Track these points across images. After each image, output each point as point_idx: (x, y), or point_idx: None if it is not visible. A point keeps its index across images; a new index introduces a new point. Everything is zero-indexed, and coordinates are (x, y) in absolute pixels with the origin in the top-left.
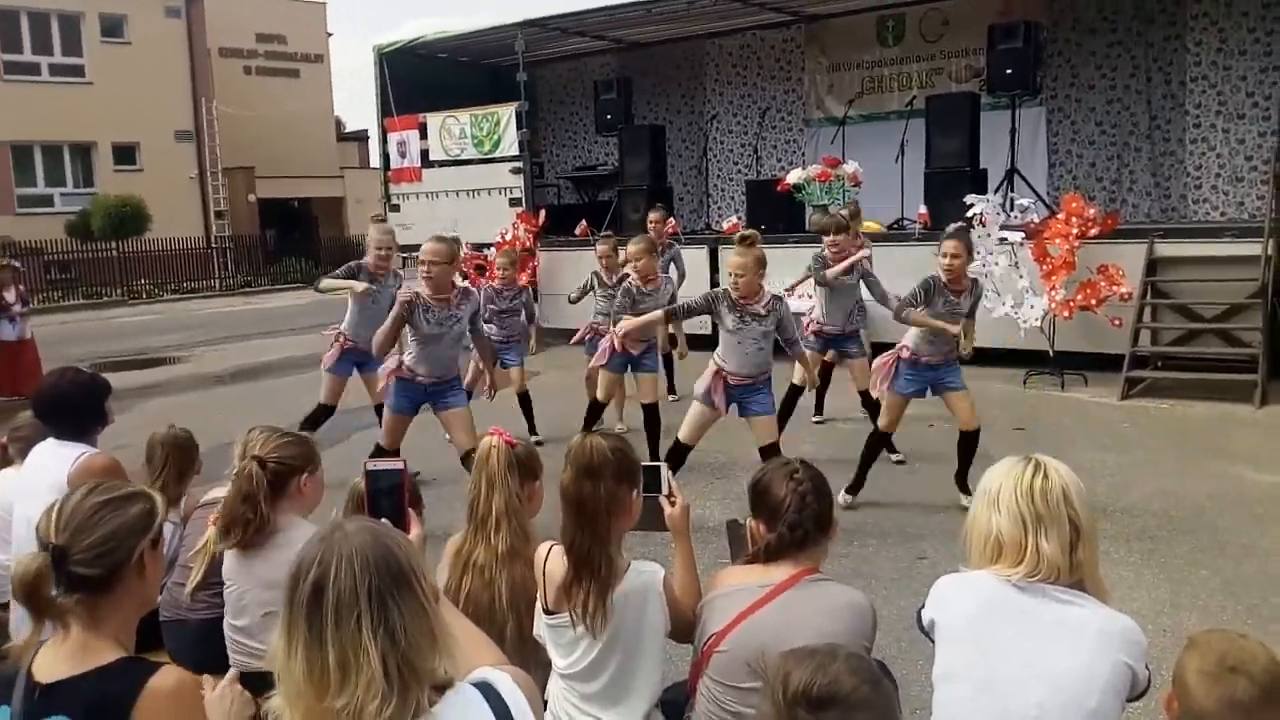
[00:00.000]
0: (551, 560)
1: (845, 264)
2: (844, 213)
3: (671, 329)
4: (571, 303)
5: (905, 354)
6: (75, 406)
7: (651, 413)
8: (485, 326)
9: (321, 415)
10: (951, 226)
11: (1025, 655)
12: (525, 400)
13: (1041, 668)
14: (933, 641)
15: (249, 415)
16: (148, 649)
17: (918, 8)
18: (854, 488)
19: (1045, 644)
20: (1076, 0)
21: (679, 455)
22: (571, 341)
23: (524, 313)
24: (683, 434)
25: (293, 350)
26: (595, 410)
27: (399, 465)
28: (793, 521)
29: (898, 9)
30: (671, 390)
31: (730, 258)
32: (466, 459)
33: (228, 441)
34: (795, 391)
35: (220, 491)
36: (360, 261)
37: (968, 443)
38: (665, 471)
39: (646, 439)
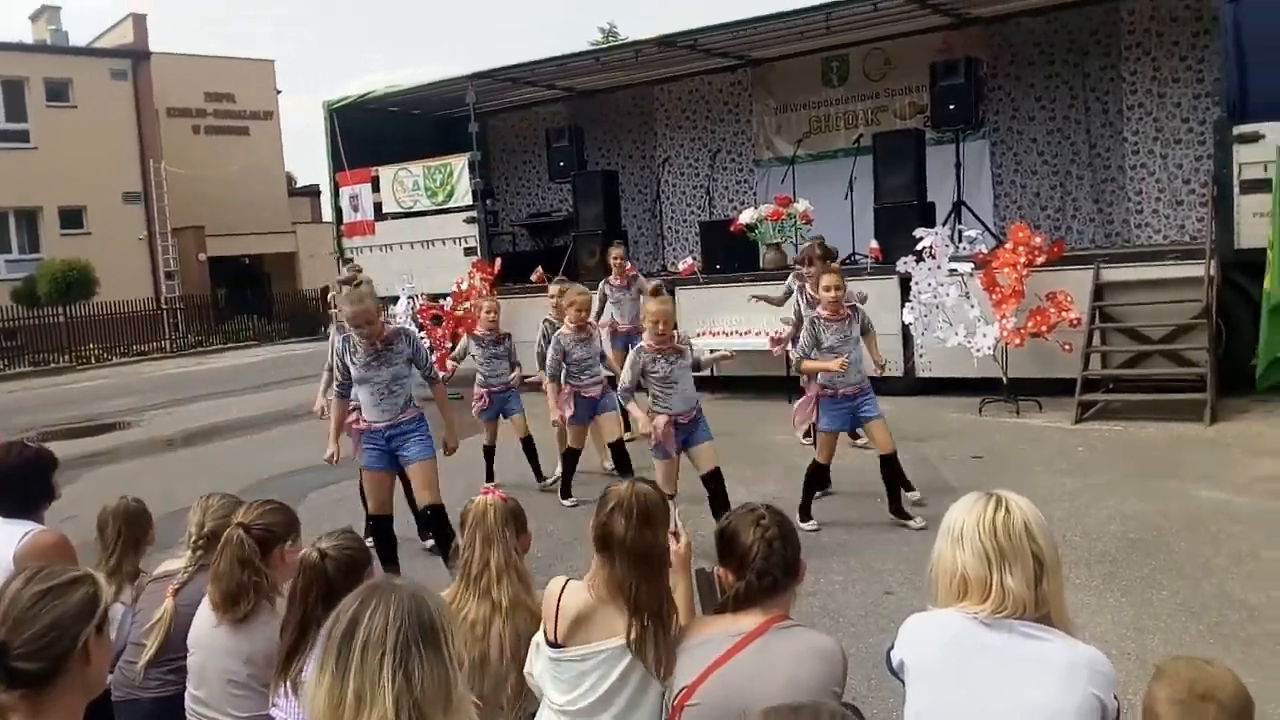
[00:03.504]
0: (568, 595)
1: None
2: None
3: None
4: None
5: (824, 393)
6: (19, 482)
7: (622, 450)
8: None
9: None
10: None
11: (995, 693)
12: (529, 445)
13: (1011, 705)
14: (902, 682)
15: (202, 480)
16: None
17: (860, 48)
18: (804, 515)
19: (1014, 681)
20: (1014, 35)
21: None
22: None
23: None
24: (668, 488)
25: (247, 410)
26: (571, 459)
27: None
28: (760, 569)
29: (841, 50)
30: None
31: (651, 308)
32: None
33: (180, 508)
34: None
35: (175, 563)
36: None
37: (889, 466)
38: (672, 509)
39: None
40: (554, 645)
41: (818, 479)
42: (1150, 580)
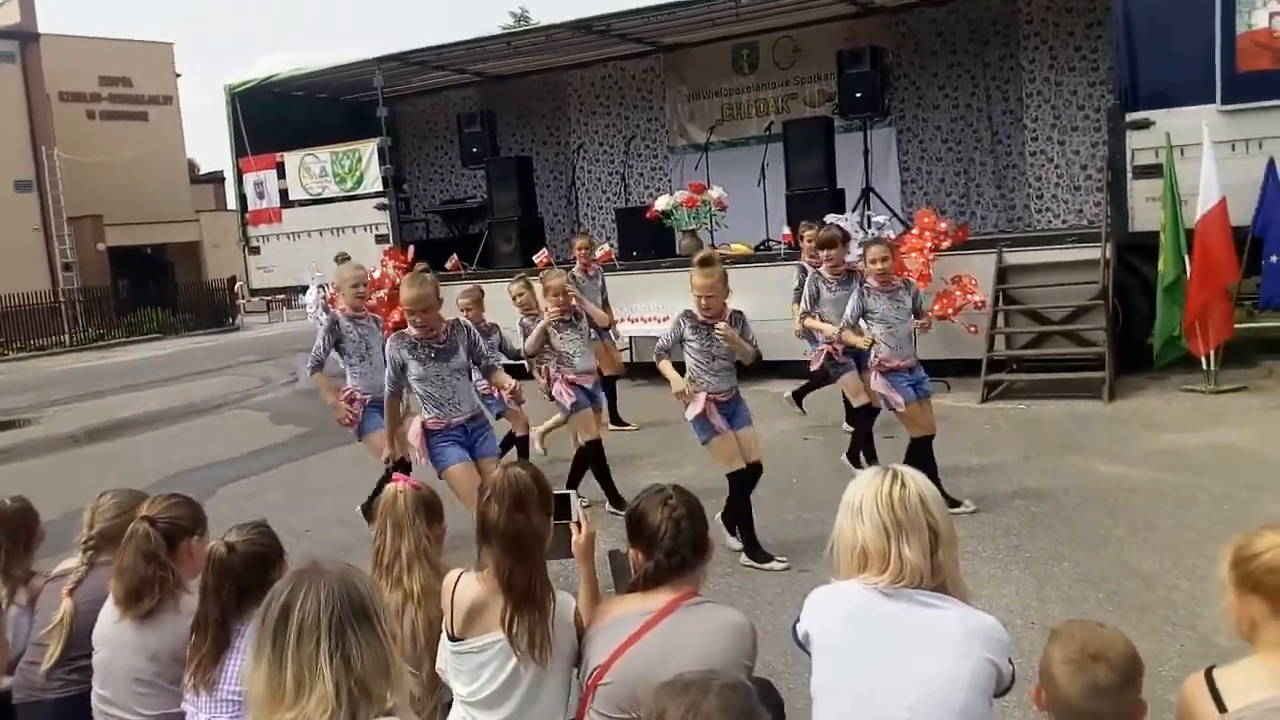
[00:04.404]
0: (462, 587)
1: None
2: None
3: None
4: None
5: (883, 368)
6: None
7: (597, 448)
8: None
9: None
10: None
11: (895, 660)
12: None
13: (911, 671)
14: (809, 654)
15: (108, 477)
16: None
17: (770, 36)
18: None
19: (913, 648)
20: (916, 24)
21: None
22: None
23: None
24: (728, 469)
25: (151, 405)
26: (597, 451)
27: None
28: (669, 548)
29: (751, 37)
30: (617, 420)
31: (695, 280)
32: None
33: (84, 507)
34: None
35: (72, 562)
36: (334, 312)
37: (927, 449)
38: (575, 499)
39: (594, 474)
40: (453, 638)
41: (927, 456)
42: (1052, 552)
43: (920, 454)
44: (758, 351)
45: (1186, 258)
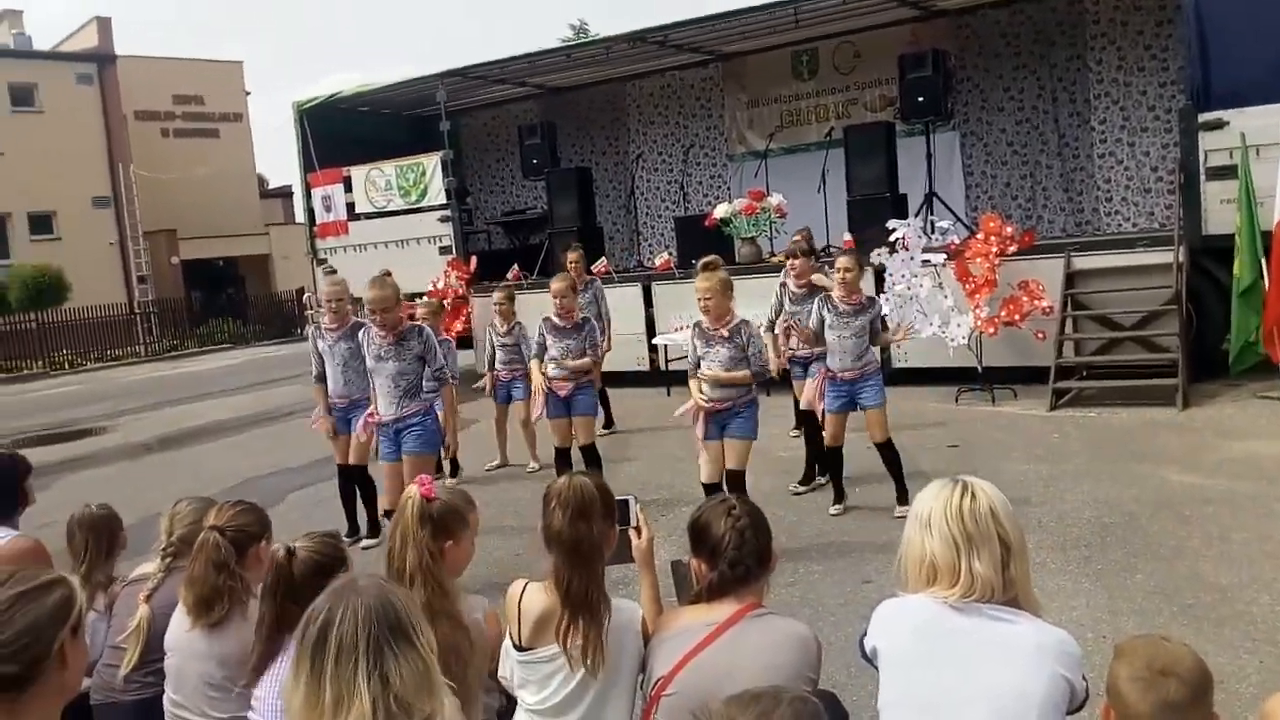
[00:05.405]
0: (528, 597)
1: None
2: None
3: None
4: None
5: (828, 374)
6: None
7: (591, 453)
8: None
9: (344, 479)
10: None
11: (965, 676)
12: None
13: (981, 687)
14: (876, 668)
15: (180, 484)
16: None
17: (830, 41)
18: (838, 498)
19: (984, 663)
20: (980, 26)
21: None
22: (474, 386)
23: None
24: (705, 475)
25: (222, 414)
26: (562, 463)
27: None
28: (733, 559)
29: (810, 43)
30: (609, 424)
31: (696, 284)
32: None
33: (157, 513)
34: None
35: (149, 566)
36: (317, 323)
37: (884, 455)
38: (634, 505)
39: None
40: (520, 648)
41: (831, 462)
42: (1124, 564)
43: (831, 458)
44: (761, 370)
45: (1263, 261)
